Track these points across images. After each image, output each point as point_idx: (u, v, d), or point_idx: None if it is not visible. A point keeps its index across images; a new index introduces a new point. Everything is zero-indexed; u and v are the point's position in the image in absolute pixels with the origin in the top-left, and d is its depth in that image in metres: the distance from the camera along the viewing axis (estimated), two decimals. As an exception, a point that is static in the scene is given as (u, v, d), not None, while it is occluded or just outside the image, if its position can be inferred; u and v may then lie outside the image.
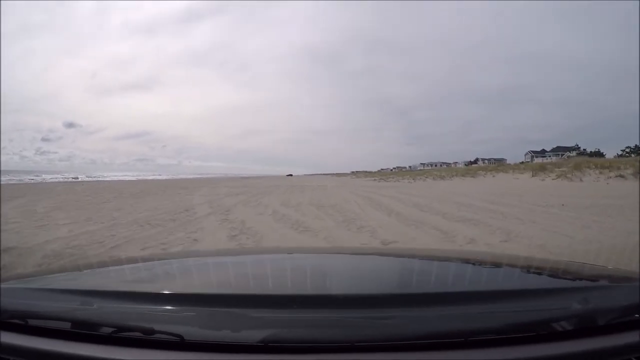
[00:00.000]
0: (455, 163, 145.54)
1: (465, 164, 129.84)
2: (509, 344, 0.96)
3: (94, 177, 71.77)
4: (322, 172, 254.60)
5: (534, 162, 75.15)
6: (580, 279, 1.57)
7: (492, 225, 9.50)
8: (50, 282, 1.50)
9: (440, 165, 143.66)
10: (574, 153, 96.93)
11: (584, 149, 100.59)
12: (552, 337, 0.98)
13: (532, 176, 35.88)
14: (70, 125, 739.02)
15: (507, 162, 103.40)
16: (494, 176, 41.53)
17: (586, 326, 1.02)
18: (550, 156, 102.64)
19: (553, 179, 31.82)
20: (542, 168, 37.58)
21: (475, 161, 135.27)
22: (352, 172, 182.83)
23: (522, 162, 77.11)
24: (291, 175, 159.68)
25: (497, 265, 1.91)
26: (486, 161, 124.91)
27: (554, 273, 1.70)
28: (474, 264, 1.96)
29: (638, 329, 1.01)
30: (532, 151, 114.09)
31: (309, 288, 1.43)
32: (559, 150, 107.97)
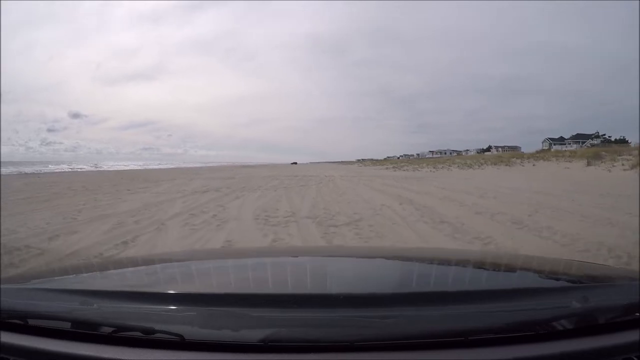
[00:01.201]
0: (467, 151, 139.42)
1: (478, 152, 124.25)
2: (510, 343, 0.95)
3: (97, 166, 71.24)
4: (327, 160, 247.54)
5: (552, 149, 69.05)
6: (581, 278, 1.55)
7: None
8: (50, 282, 1.47)
9: (450, 153, 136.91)
10: (597, 140, 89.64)
11: (609, 137, 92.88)
12: (553, 336, 0.97)
13: (588, 165, 28.88)
14: (75, 115, 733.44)
15: (522, 150, 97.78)
16: (534, 165, 34.52)
17: (586, 325, 1.00)
18: (569, 144, 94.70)
19: (625, 170, 24.75)
20: (597, 156, 30.51)
21: (488, 149, 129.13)
22: (358, 160, 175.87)
23: (542, 150, 71.28)
24: (295, 163, 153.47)
25: (497, 264, 1.86)
26: (499, 149, 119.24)
27: (554, 272, 1.66)
28: (473, 263, 1.93)
29: (638, 327, 0.99)
30: (549, 139, 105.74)
31: (309, 287, 1.41)
32: (579, 137, 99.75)
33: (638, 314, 1.01)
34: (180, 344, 0.94)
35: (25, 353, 0.97)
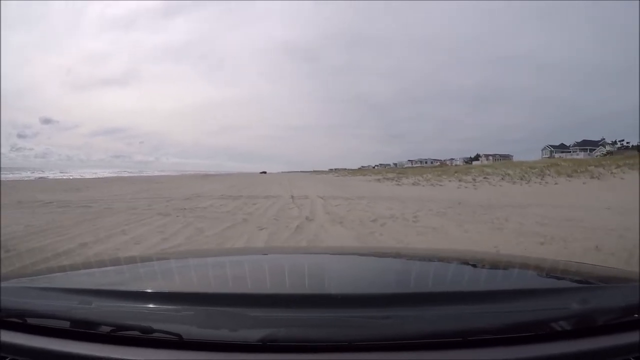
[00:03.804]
0: (452, 159, 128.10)
1: (465, 161, 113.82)
2: (508, 344, 0.94)
3: (64, 174, 68.85)
4: (299, 170, 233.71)
5: (554, 157, 57.28)
6: (580, 279, 1.53)
7: None
8: (48, 281, 1.47)
9: (431, 162, 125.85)
10: (614, 147, 77.87)
11: (627, 143, 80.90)
12: (551, 337, 0.97)
13: None
14: (46, 121, 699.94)
15: (514, 158, 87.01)
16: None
17: (585, 326, 1.00)
18: (575, 151, 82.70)
19: None
20: None
21: (477, 157, 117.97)
22: (331, 169, 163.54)
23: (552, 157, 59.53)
24: (265, 172, 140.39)
25: (495, 265, 1.86)
26: (489, 157, 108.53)
27: (553, 273, 1.66)
28: (472, 264, 1.91)
29: (637, 329, 0.98)
30: (550, 146, 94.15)
31: (307, 288, 1.39)
32: (585, 144, 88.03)
33: (637, 316, 1.00)
34: (178, 343, 0.94)
35: (23, 352, 0.97)
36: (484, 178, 26.71)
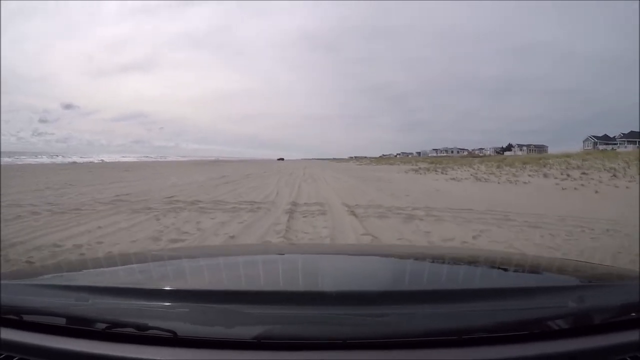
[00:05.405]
0: (481, 149, 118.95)
1: (497, 151, 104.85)
2: (504, 343, 0.93)
3: (86, 158, 69.99)
4: (318, 157, 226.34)
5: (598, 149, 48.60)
6: (577, 277, 1.52)
7: None
8: (45, 279, 1.45)
9: (458, 152, 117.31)
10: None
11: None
12: (548, 336, 0.96)
13: None
14: (67, 106, 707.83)
15: (549, 149, 78.62)
16: None
17: (582, 325, 0.99)
18: (623, 143, 72.83)
19: None
20: None
21: (509, 147, 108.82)
22: (351, 157, 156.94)
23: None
24: (282, 159, 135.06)
25: (492, 262, 1.82)
26: (523, 147, 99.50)
27: (550, 271, 1.63)
28: (468, 261, 1.88)
29: (634, 328, 0.97)
30: (593, 136, 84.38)
31: (302, 285, 1.38)
32: (634, 136, 77.62)
33: (634, 314, 0.99)
34: (173, 340, 0.93)
35: (19, 349, 0.96)
36: (583, 174, 18.70)
